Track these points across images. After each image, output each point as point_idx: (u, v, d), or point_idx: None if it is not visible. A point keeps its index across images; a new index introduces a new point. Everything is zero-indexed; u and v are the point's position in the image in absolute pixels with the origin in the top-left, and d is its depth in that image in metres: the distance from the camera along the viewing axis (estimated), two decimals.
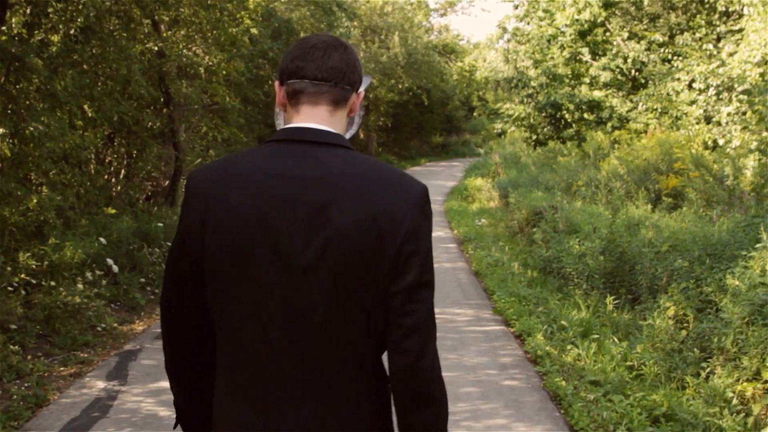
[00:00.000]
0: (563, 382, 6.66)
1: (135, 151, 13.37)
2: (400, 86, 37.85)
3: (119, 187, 13.19)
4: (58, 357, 7.46)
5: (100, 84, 10.63)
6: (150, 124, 14.36)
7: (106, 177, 13.24)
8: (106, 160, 13.34)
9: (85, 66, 9.92)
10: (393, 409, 2.15)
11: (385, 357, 2.10)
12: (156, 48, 12.79)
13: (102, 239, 9.07)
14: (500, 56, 56.34)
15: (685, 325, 7.50)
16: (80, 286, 8.34)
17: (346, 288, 1.99)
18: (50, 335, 7.91)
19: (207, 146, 19.01)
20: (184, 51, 14.51)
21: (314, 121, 2.10)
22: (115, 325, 8.66)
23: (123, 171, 13.71)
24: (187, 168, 16.69)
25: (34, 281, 8.36)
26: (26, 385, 6.55)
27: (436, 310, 2.15)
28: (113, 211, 10.56)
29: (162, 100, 13.64)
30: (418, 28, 42.54)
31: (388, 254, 2.00)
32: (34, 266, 8.27)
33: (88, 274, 8.65)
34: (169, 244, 10.74)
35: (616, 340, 7.82)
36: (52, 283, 8.25)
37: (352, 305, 2.00)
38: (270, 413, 2.04)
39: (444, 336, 8.28)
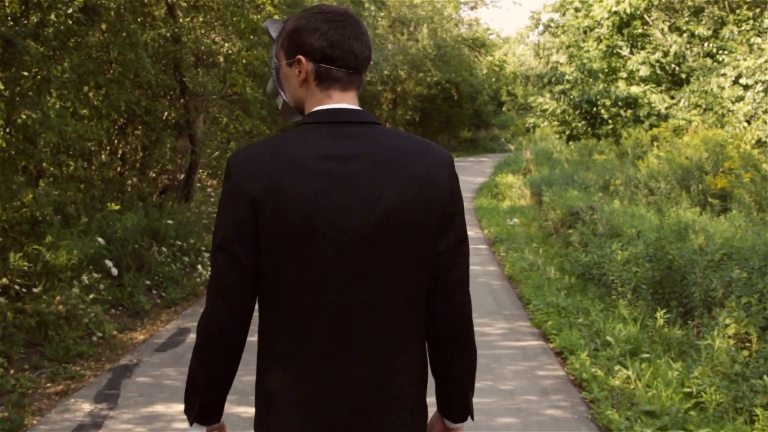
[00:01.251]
0: (615, 414, 5.82)
1: (148, 143, 12.60)
2: (428, 79, 37.03)
3: (134, 180, 12.47)
4: (47, 370, 6.69)
5: (107, 70, 9.89)
6: (165, 114, 13.65)
7: (118, 170, 12.52)
8: (119, 153, 12.61)
9: (87, 50, 9.17)
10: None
11: None
12: (169, 34, 12.03)
13: (100, 239, 8.27)
14: (530, 51, 55.58)
15: (747, 345, 6.68)
16: (75, 290, 7.57)
17: (404, 253, 2.14)
18: (41, 344, 7.17)
19: (228, 138, 18.26)
20: (203, 38, 13.76)
21: (345, 102, 2.23)
22: (115, 332, 7.90)
23: (137, 164, 12.98)
24: (204, 161, 16.00)
25: (27, 284, 7.62)
26: (1, 407, 5.79)
27: None
28: (117, 207, 9.78)
29: (177, 89, 12.88)
30: (447, 21, 41.69)
31: (435, 216, 2.16)
32: (26, 267, 7.52)
33: (84, 277, 7.87)
34: (179, 243, 10.02)
35: (669, 360, 6.99)
36: (42, 287, 7.49)
37: (409, 268, 2.16)
38: (341, 371, 2.15)
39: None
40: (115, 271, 8.39)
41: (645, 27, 20.98)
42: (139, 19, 11.21)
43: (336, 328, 2.13)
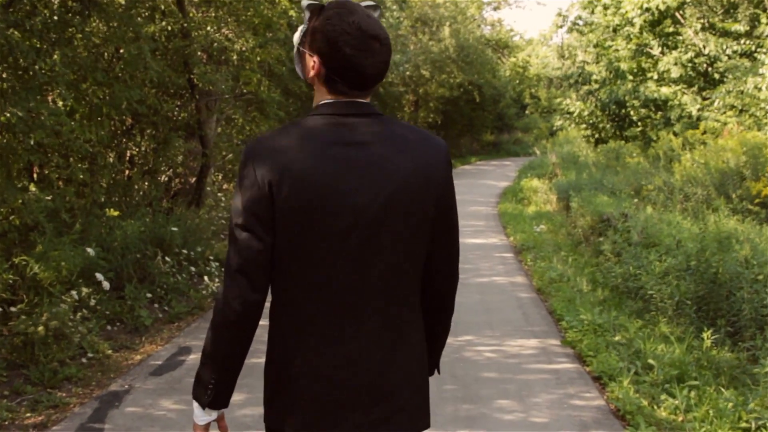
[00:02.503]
0: None
1: (154, 145, 11.93)
2: (451, 80, 36.35)
3: (141, 183, 11.82)
4: (29, 397, 6.02)
5: (108, 66, 9.26)
6: (176, 113, 13.01)
7: (127, 173, 11.89)
8: (127, 155, 11.97)
9: (85, 44, 8.53)
10: None
11: None
12: (177, 28, 11.39)
13: (90, 249, 7.55)
14: (554, 52, 54.97)
15: None
16: (64, 305, 6.90)
17: (409, 234, 2.33)
18: (27, 365, 6.51)
19: (244, 140, 17.61)
20: (215, 34, 13.11)
21: (353, 97, 2.35)
22: (110, 352, 7.21)
23: (146, 167, 12.33)
24: (218, 164, 15.37)
25: (13, 299, 6.97)
26: None
27: (492, 339, 4.22)
28: (116, 213, 9.10)
29: (187, 88, 12.23)
30: (470, 22, 40.99)
31: (433, 199, 2.36)
32: (10, 281, 6.87)
33: (74, 292, 7.19)
34: (186, 251, 9.35)
35: (720, 388, 6.26)
36: (29, 302, 6.83)
37: (413, 248, 2.35)
38: (349, 345, 2.30)
39: (502, 378, 6.77)
40: (106, 285, 7.67)
41: (676, 26, 20.20)
42: (142, 12, 10.56)
43: (345, 304, 2.29)
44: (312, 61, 2.33)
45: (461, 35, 36.89)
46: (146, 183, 11.92)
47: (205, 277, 9.95)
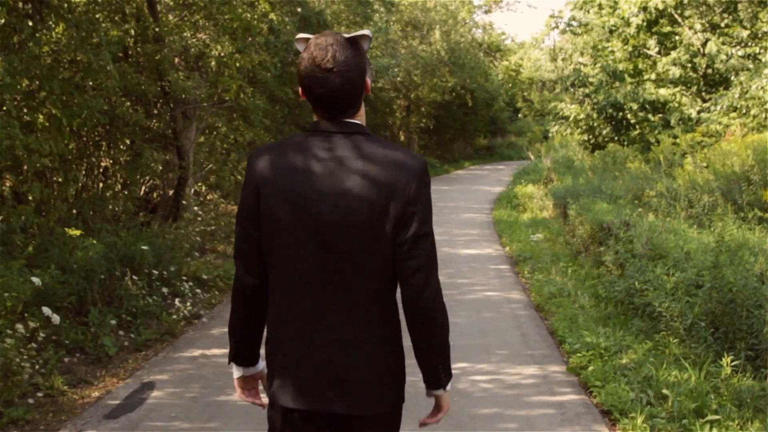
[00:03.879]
0: None
1: (128, 157, 11.21)
2: (443, 85, 35.70)
3: (117, 198, 11.11)
4: None
5: (67, 74, 8.58)
6: (151, 123, 12.31)
7: (101, 186, 11.18)
8: (100, 168, 11.23)
9: (39, 50, 7.82)
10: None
11: None
12: (143, 33, 10.71)
13: (35, 279, 6.77)
14: (546, 55, 54.48)
15: None
16: (10, 340, 6.17)
17: (364, 240, 2.63)
18: None
19: (228, 149, 16.90)
20: (192, 39, 12.43)
21: (330, 120, 2.75)
22: (65, 388, 6.49)
23: (119, 181, 11.61)
24: (201, 174, 14.69)
25: None
26: None
27: (489, 366, 3.97)
28: (77, 232, 8.36)
29: (160, 96, 11.54)
30: (462, 25, 40.38)
31: (393, 214, 2.63)
32: None
33: (19, 325, 6.44)
34: (156, 272, 8.66)
35: (743, 423, 5.58)
36: None
37: (369, 252, 2.64)
38: (309, 328, 2.70)
39: (500, 414, 6.08)
40: (56, 319, 6.88)
41: (674, 26, 19.55)
42: (105, 15, 9.87)
43: (307, 298, 2.70)
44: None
45: (452, 39, 36.33)
46: (120, 197, 11.22)
47: (177, 300, 9.22)
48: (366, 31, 2.71)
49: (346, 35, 2.70)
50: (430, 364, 2.79)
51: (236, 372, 2.96)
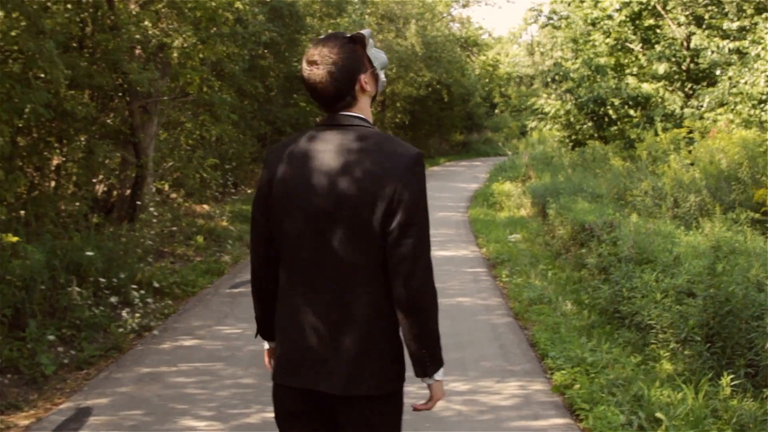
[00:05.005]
0: None
1: (82, 155, 10.47)
2: (419, 80, 35.01)
3: (70, 199, 10.38)
4: None
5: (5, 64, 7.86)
6: (110, 119, 11.60)
7: (52, 185, 10.44)
8: (48, 167, 10.47)
9: None
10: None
11: None
12: (97, 22, 9.99)
13: None
14: (524, 50, 54.06)
15: None
16: None
17: (354, 229, 2.75)
18: None
19: (193, 145, 16.15)
20: (153, 29, 11.70)
21: (334, 111, 2.90)
22: None
23: (71, 180, 10.87)
24: (161, 171, 13.97)
25: None
26: None
27: (465, 384, 3.88)
28: (14, 239, 7.63)
29: (119, 89, 10.82)
30: (438, 19, 39.76)
31: (383, 204, 2.72)
32: None
33: None
34: (103, 279, 7.97)
35: None
36: None
37: (360, 240, 2.76)
38: (303, 309, 2.85)
39: None
40: None
41: (657, 18, 18.98)
42: (54, 4, 9.17)
43: (304, 281, 2.85)
44: None
45: (429, 33, 35.71)
46: (73, 198, 10.49)
47: (124, 312, 8.45)
48: (364, 31, 2.87)
49: (347, 34, 2.87)
50: (415, 351, 2.85)
51: (265, 345, 3.21)
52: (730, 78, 15.35)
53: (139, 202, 11.32)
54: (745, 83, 14.60)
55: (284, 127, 22.60)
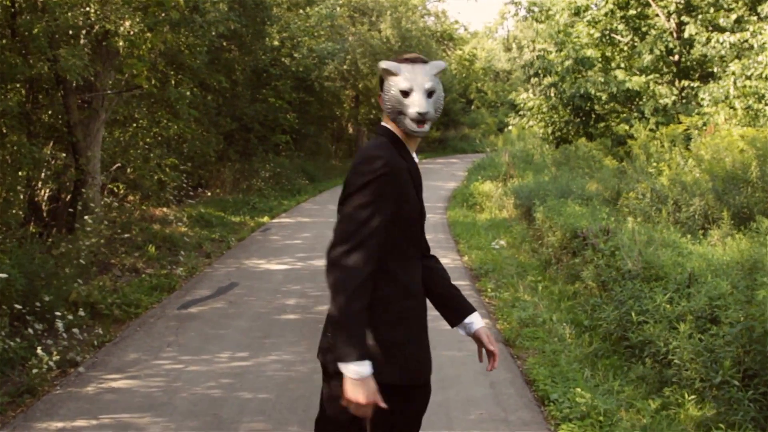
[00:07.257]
0: None
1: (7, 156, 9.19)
2: None
3: None
4: None
5: None
6: (43, 114, 10.32)
7: None
8: None
9: None
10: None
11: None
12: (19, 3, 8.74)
13: None
14: (500, 45, 53.11)
15: None
16: None
17: None
18: None
19: (151, 144, 14.85)
20: (95, 13, 10.41)
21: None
22: None
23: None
24: (113, 173, 12.68)
25: None
26: None
27: None
28: None
29: (47, 81, 9.54)
30: (413, 12, 38.63)
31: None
32: None
33: None
34: (19, 306, 6.71)
35: None
36: None
37: None
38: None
39: None
40: None
41: (645, 8, 17.87)
42: None
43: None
44: None
45: (403, 26, 34.59)
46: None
47: (39, 349, 6.93)
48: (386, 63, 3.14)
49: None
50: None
51: (366, 368, 2.84)
52: (734, 73, 14.21)
53: (79, 209, 9.97)
54: (750, 77, 13.50)
55: (252, 124, 21.42)
